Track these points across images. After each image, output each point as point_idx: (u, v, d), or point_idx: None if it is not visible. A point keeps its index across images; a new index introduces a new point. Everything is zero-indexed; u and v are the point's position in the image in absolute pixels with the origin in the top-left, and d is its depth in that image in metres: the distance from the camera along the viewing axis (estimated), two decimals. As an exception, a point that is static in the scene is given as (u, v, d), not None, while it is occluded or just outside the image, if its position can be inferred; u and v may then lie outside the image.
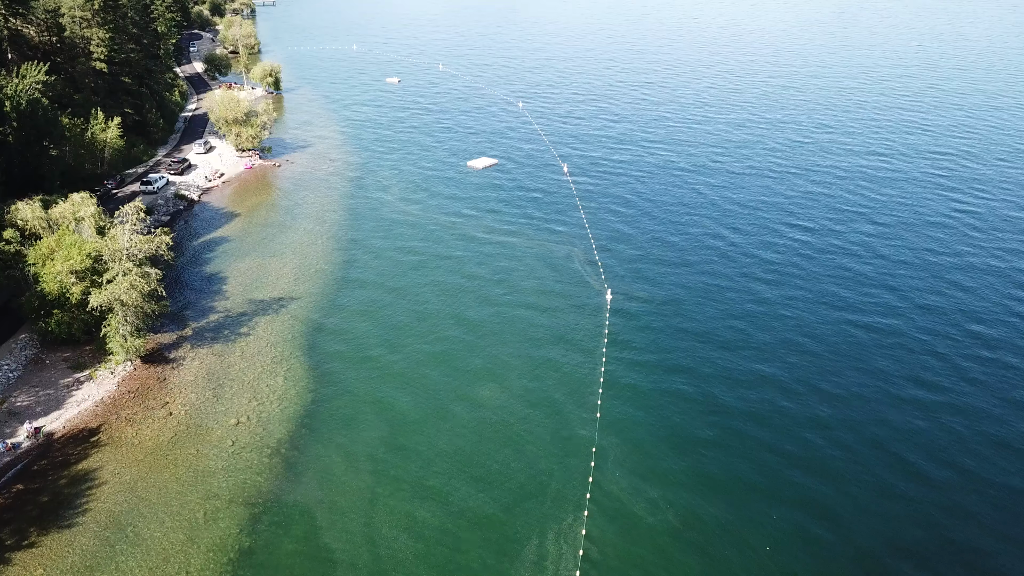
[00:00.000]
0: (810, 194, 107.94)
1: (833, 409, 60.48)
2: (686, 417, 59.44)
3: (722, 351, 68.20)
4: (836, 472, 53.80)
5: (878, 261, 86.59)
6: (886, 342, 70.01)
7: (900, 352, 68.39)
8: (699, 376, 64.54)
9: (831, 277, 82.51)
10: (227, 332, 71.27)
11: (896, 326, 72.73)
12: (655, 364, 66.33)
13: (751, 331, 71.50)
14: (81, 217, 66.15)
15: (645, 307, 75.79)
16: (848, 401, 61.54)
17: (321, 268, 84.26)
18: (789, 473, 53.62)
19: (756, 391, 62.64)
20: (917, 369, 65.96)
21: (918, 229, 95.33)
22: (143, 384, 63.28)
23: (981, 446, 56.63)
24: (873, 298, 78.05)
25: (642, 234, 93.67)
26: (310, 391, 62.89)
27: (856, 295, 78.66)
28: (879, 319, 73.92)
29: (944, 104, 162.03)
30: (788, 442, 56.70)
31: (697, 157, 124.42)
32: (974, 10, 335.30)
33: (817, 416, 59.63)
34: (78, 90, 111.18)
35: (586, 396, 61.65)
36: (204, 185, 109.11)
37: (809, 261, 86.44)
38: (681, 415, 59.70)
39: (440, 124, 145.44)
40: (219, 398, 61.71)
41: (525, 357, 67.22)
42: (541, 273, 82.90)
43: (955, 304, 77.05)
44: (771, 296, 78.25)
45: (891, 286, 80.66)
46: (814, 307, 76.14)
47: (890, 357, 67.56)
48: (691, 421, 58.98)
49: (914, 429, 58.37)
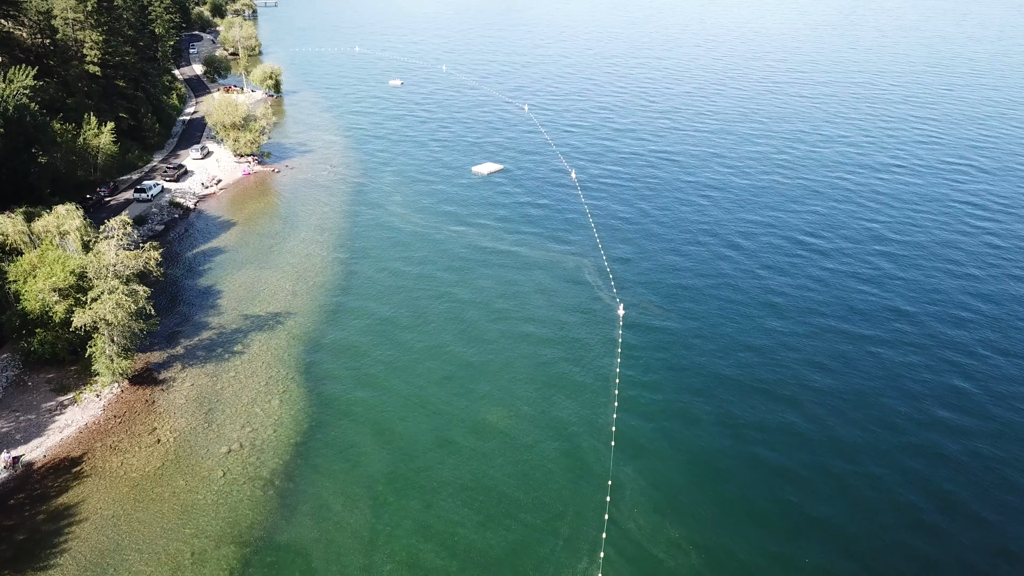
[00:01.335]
0: (820, 208, 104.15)
1: (857, 437, 56.71)
2: (706, 445, 55.78)
3: (740, 373, 64.49)
4: (866, 505, 50.13)
5: (893, 280, 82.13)
6: (907, 358, 66.14)
7: (926, 375, 64.35)
8: (717, 400, 60.83)
9: (851, 286, 78.73)
10: (220, 350, 67.75)
11: (914, 338, 68.83)
12: (672, 386, 62.65)
13: (768, 351, 67.75)
14: (66, 231, 62.67)
15: (659, 323, 72.10)
16: (872, 429, 57.72)
17: (320, 281, 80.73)
18: (818, 509, 49.91)
19: (776, 416, 58.92)
20: (944, 392, 62.06)
21: (933, 248, 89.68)
22: (130, 408, 59.77)
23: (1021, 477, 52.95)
24: (890, 321, 73.74)
25: (653, 243, 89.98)
26: (307, 416, 59.35)
27: (872, 314, 74.61)
28: (897, 342, 69.74)
29: (958, 112, 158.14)
30: (814, 474, 52.98)
31: (705, 163, 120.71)
32: (981, 11, 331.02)
33: (841, 444, 55.87)
34: (71, 94, 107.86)
35: (600, 422, 58.00)
36: (201, 192, 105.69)
37: (822, 271, 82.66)
38: (700, 443, 56.04)
39: (444, 128, 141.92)
40: (210, 423, 58.20)
41: (534, 379, 63.60)
42: (551, 286, 79.27)
43: (978, 331, 72.78)
44: (785, 311, 74.50)
45: (907, 309, 76.05)
46: (829, 321, 72.32)
47: (916, 380, 63.60)
48: (711, 450, 55.32)
49: (947, 457, 54.63)
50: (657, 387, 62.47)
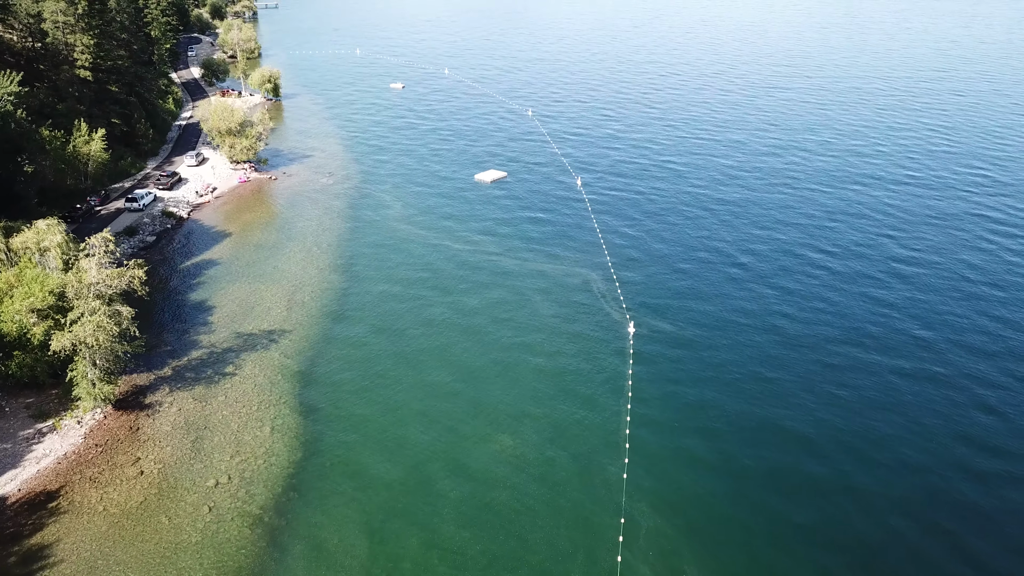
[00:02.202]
0: (832, 212, 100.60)
1: (875, 482, 52.04)
2: (721, 486, 51.96)
3: (753, 407, 60.36)
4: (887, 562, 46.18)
5: (909, 291, 78.45)
6: (927, 392, 61.58)
7: (946, 406, 59.97)
8: (731, 440, 56.79)
9: (862, 312, 74.55)
10: (210, 372, 64.39)
11: (936, 370, 64.57)
12: (686, 416, 59.04)
13: (781, 384, 63.61)
14: (46, 247, 59.33)
15: (671, 344, 68.53)
16: (891, 472, 53.15)
17: (316, 296, 77.34)
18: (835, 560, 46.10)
19: (790, 455, 55.33)
20: (966, 426, 57.73)
21: (949, 265, 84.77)
22: (113, 436, 56.39)
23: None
24: (908, 337, 69.60)
25: (661, 255, 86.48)
26: (300, 443, 55.95)
27: (888, 333, 70.29)
28: (917, 364, 65.48)
29: (971, 120, 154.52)
30: (830, 523, 49.12)
31: (712, 171, 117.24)
32: (988, 12, 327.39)
33: (858, 490, 51.70)
34: (62, 99, 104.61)
35: (610, 456, 54.48)
36: (195, 201, 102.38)
37: (835, 291, 78.70)
38: (715, 482, 52.27)
39: (446, 133, 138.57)
40: (197, 452, 54.81)
41: (540, 408, 60.02)
42: (557, 303, 75.79)
43: (1002, 344, 69.02)
44: (797, 336, 70.85)
45: (926, 321, 72.33)
46: (843, 348, 67.97)
47: (933, 412, 59.14)
48: (727, 492, 51.68)
49: (969, 505, 50.29)
50: (671, 419, 58.91)
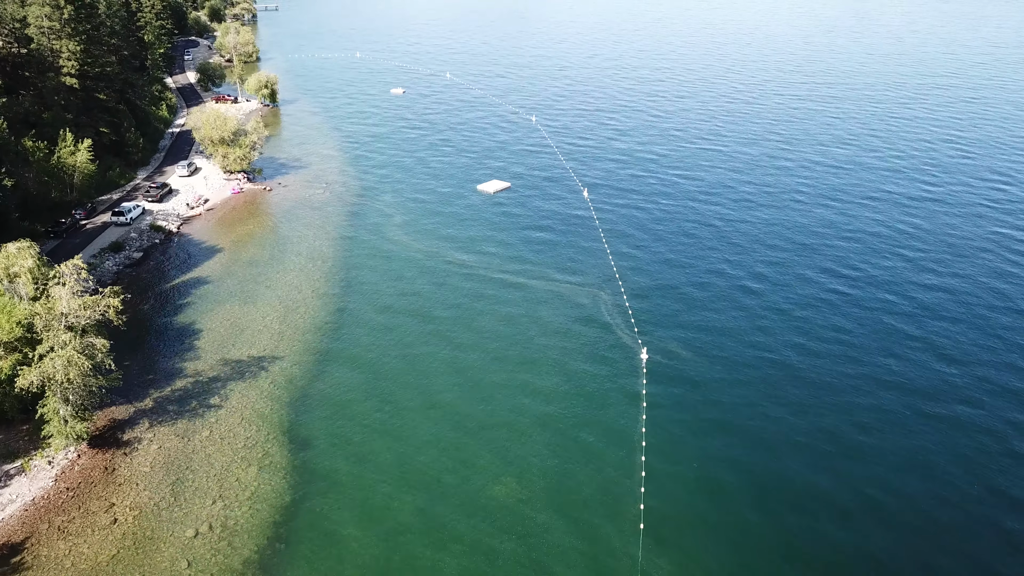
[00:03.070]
0: (845, 230, 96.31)
1: (910, 518, 48.58)
2: (749, 535, 47.95)
3: (779, 437, 56.59)
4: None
5: (931, 319, 73.17)
6: (955, 440, 56.36)
7: (977, 455, 54.93)
8: (758, 475, 52.89)
9: (879, 342, 69.90)
10: (195, 404, 60.16)
11: (964, 413, 59.96)
12: (705, 455, 54.80)
13: (805, 410, 59.75)
14: (16, 273, 55.12)
15: (686, 373, 64.20)
16: (928, 506, 49.62)
17: (309, 319, 73.08)
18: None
19: (807, 516, 51.14)
20: (1000, 480, 52.64)
21: (978, 281, 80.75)
22: (86, 477, 52.18)
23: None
24: (933, 371, 64.79)
25: (674, 273, 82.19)
26: (288, 487, 51.71)
27: (913, 362, 65.89)
28: (945, 396, 61.24)
29: (987, 129, 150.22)
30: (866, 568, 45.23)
31: (723, 182, 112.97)
32: (997, 13, 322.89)
33: (893, 527, 48.03)
34: (47, 108, 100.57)
35: (625, 501, 50.21)
36: (185, 214, 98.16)
37: (851, 319, 74.48)
38: (742, 530, 48.23)
39: (447, 141, 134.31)
40: (177, 497, 50.59)
41: (548, 445, 55.74)
42: (565, 326, 71.50)
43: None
44: (819, 358, 66.52)
45: (951, 356, 67.12)
46: (867, 370, 64.08)
47: (962, 462, 54.10)
48: (755, 540, 47.52)
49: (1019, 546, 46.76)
50: (688, 457, 54.68)
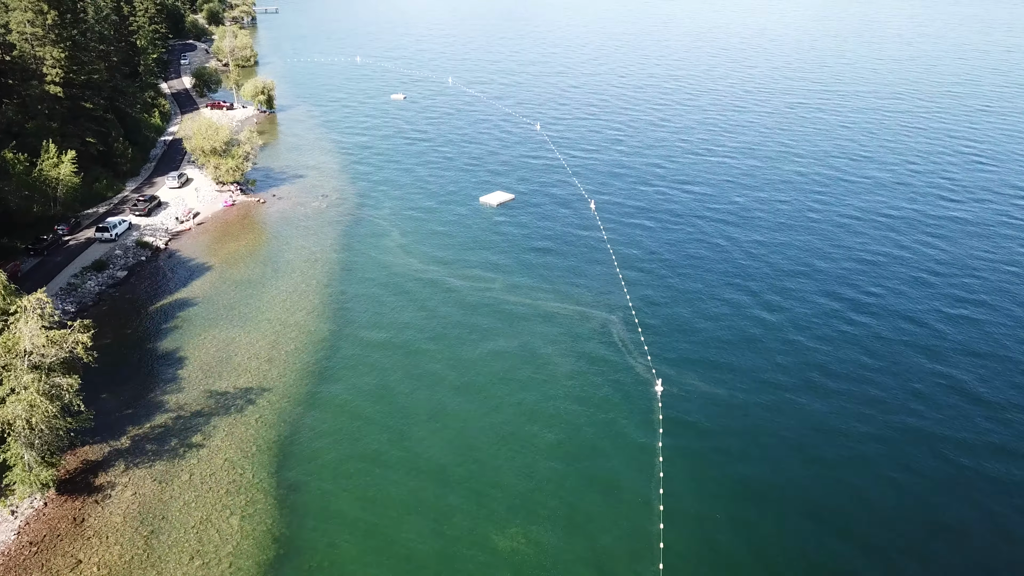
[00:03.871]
0: (863, 252, 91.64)
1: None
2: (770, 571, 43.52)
3: (801, 488, 52.13)
4: None
5: (958, 354, 67.31)
6: (998, 472, 52.58)
7: (1016, 497, 51.30)
8: (775, 532, 48.48)
9: (910, 361, 65.60)
10: (175, 442, 55.71)
11: (996, 438, 55.60)
12: (725, 489, 50.33)
13: (830, 462, 55.25)
14: (-21, 304, 50.85)
15: (705, 410, 59.55)
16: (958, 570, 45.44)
17: (301, 346, 68.56)
18: None
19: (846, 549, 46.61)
20: None
21: (1005, 309, 75.55)
22: (52, 529, 47.72)
23: None
24: (960, 410, 59.51)
25: (687, 293, 77.57)
26: (274, 540, 47.21)
27: (938, 400, 60.55)
28: (976, 443, 55.79)
29: (1005, 140, 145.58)
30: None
31: (733, 192, 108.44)
32: (1007, 17, 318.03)
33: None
34: (31, 117, 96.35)
35: (641, 552, 45.69)
36: (174, 228, 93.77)
37: (879, 341, 69.66)
38: (765, 565, 43.82)
39: (449, 150, 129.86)
40: (150, 553, 46.09)
41: (557, 489, 51.22)
42: (573, 353, 66.91)
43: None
44: (839, 397, 61.97)
45: (987, 381, 62.62)
46: (891, 415, 59.03)
47: (1012, 504, 50.75)
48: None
49: None
50: (708, 500, 50.17)
